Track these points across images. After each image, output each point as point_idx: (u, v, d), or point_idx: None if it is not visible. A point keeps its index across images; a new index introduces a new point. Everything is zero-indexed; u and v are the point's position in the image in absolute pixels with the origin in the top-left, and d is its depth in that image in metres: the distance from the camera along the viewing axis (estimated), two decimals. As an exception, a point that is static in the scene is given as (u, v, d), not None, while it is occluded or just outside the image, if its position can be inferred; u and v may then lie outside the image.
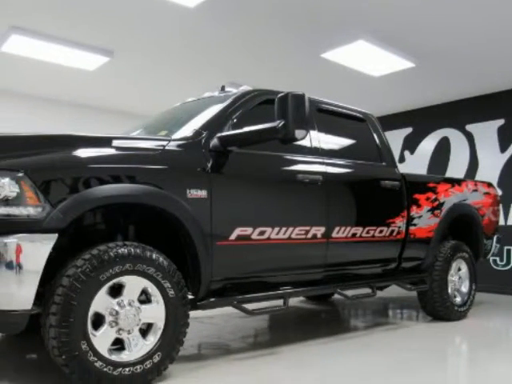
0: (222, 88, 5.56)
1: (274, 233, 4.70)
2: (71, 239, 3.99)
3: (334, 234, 5.22)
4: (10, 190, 3.38)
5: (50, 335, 3.50)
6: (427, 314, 6.68)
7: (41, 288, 3.51)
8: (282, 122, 4.24)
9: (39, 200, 3.45)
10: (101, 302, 3.64)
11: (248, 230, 4.53)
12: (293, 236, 4.86)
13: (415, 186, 6.21)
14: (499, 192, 8.33)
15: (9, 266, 3.38)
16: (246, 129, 4.43)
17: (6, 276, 3.38)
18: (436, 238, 6.37)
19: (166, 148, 4.20)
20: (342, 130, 5.85)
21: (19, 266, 3.39)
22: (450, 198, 6.59)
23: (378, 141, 6.10)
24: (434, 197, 6.37)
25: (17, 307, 3.44)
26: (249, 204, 4.59)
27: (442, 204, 6.45)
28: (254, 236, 4.57)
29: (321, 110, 5.57)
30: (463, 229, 7.19)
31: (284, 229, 4.78)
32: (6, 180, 3.39)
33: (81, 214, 3.65)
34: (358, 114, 6.08)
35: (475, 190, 7.11)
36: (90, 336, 3.57)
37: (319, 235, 5.10)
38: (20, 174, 3.42)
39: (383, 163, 6.03)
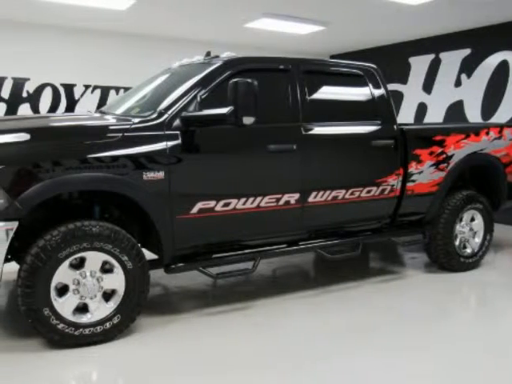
0: (208, 54, 6.07)
1: (240, 203, 5.33)
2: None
3: (310, 199, 5.74)
4: None
5: (18, 301, 4.48)
6: (433, 263, 7.15)
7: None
8: (232, 109, 4.84)
9: None
10: (63, 274, 4.54)
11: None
12: (262, 204, 5.46)
13: (416, 142, 6.49)
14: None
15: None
16: (203, 112, 4.99)
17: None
18: (440, 192, 6.69)
19: (126, 135, 4.84)
20: (329, 90, 6.22)
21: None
22: (461, 149, 6.80)
23: (375, 96, 6.31)
24: (439, 150, 6.61)
25: None
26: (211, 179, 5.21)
27: (449, 157, 6.70)
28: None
29: (308, 71, 5.92)
30: (484, 178, 7.47)
31: (252, 199, 5.38)
32: None
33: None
34: (354, 70, 6.32)
35: (498, 138, 7.23)
36: (53, 302, 4.51)
37: (293, 201, 5.65)
38: None
39: (377, 121, 6.26)
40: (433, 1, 8.88)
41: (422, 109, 12.21)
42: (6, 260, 4.49)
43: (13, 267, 4.77)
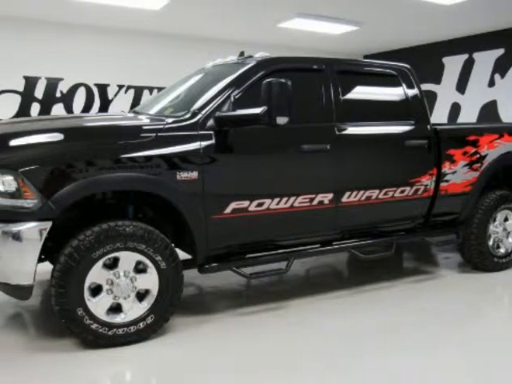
0: (241, 54, 5.93)
1: (273, 203, 5.17)
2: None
3: (344, 199, 5.56)
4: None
5: (52, 301, 4.36)
6: (466, 263, 6.93)
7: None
8: (265, 110, 4.69)
9: None
10: (97, 274, 4.42)
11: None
12: (295, 204, 5.30)
13: (450, 142, 6.29)
14: None
15: None
16: (237, 112, 4.88)
17: None
18: (474, 192, 6.49)
19: (159, 135, 4.72)
20: (363, 90, 6.07)
21: None
22: (494, 149, 6.58)
23: (409, 96, 6.15)
24: (473, 150, 6.41)
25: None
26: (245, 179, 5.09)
27: (483, 157, 6.49)
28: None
29: (342, 71, 5.77)
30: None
31: (285, 198, 5.23)
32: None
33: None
34: (387, 70, 6.15)
35: (533, 137, 6.95)
36: (87, 302, 4.38)
37: (326, 201, 5.48)
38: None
39: (411, 121, 6.08)
40: (466, 1, 8.67)
41: (455, 109, 12.04)
42: (40, 260, 4.38)
43: (46, 267, 4.70)
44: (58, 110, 11.31)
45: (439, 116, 12.14)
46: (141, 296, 4.63)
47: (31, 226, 4.20)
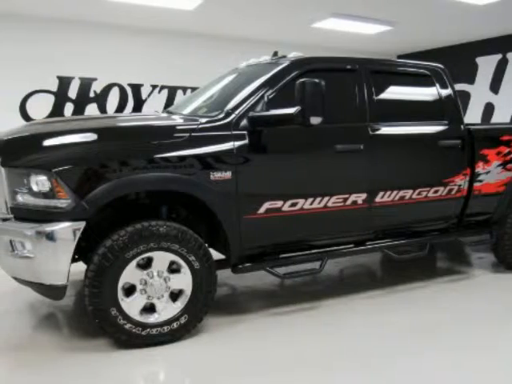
0: (275, 54, 5.79)
1: (307, 203, 5.03)
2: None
3: (377, 199, 5.41)
4: None
5: (85, 301, 4.26)
6: (500, 263, 6.72)
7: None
8: (299, 110, 4.54)
9: None
10: (130, 274, 4.30)
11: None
12: (329, 204, 5.15)
13: (483, 142, 6.10)
14: None
15: None
16: (270, 112, 4.75)
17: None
18: (508, 192, 6.29)
19: (193, 135, 4.59)
20: (396, 90, 5.88)
21: None
22: (529, 149, 6.34)
23: (442, 96, 5.98)
24: (506, 150, 6.22)
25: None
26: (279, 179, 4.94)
27: (517, 157, 6.26)
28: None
29: (375, 71, 5.60)
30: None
31: (319, 199, 5.09)
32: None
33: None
34: (421, 70, 6.00)
35: None
36: (121, 302, 4.27)
37: (360, 201, 5.33)
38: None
39: (444, 121, 5.90)
40: (500, 1, 8.46)
41: (489, 109, 11.83)
42: (73, 260, 4.30)
43: (80, 267, 4.62)
44: (91, 110, 11.25)
45: (473, 116, 11.97)
46: (174, 296, 4.52)
47: (65, 226, 4.09)
